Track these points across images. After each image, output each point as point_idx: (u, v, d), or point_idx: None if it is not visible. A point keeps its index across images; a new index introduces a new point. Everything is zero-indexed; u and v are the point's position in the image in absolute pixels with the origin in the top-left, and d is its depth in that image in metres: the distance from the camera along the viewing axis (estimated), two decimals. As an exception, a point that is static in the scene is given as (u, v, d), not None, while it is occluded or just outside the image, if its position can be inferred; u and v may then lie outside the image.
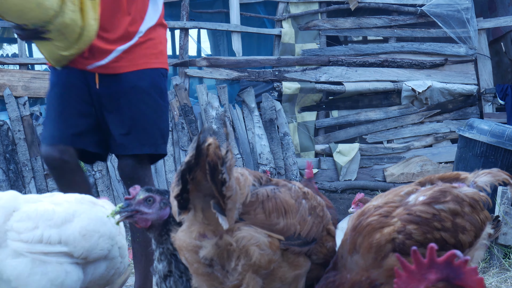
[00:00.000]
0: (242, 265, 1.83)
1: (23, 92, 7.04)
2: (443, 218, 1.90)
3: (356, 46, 8.12)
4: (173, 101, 7.30)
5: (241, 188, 1.82)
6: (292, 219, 1.92)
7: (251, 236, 1.82)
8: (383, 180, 7.70)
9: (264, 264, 1.84)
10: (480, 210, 1.98)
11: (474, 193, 2.01)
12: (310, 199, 2.03)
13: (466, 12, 7.73)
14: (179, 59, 7.55)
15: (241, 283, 1.86)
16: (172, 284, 2.03)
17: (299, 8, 7.76)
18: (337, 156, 7.57)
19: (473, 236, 1.94)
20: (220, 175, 1.71)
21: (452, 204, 1.94)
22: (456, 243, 1.90)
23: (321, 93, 7.68)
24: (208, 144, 1.69)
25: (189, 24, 7.56)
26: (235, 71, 7.53)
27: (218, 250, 1.83)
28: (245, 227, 1.83)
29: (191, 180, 1.74)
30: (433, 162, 7.75)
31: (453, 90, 7.79)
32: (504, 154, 4.92)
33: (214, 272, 1.86)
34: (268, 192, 1.92)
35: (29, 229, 2.28)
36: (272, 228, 1.87)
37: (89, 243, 2.41)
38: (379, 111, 7.81)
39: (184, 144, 7.23)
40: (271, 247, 1.85)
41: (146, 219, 1.95)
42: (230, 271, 1.85)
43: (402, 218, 1.90)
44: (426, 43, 7.90)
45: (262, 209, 1.87)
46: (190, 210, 1.81)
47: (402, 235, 1.86)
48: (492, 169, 2.15)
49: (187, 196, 1.76)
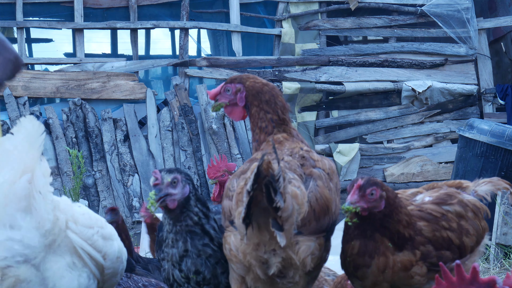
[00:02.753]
0: (299, 273, 1.93)
1: (23, 92, 7.04)
2: (450, 218, 1.93)
3: (356, 46, 8.12)
4: (173, 101, 7.29)
5: (299, 205, 1.86)
6: (331, 211, 2.00)
7: (308, 247, 1.89)
8: (383, 180, 7.69)
9: (314, 266, 1.94)
10: (481, 218, 2.02)
11: (476, 201, 2.06)
12: (333, 177, 2.09)
13: (466, 12, 7.73)
14: (179, 59, 7.55)
15: (295, 284, 1.96)
16: (190, 265, 2.06)
17: (299, 8, 7.76)
18: (337, 156, 7.57)
19: (474, 241, 1.97)
20: (274, 204, 1.76)
21: (458, 207, 1.97)
22: (461, 244, 1.92)
23: (321, 93, 7.68)
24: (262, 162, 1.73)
25: (189, 24, 7.56)
26: (235, 71, 7.52)
27: (283, 263, 1.90)
28: (302, 238, 1.89)
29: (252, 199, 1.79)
30: (433, 162, 7.75)
31: (453, 90, 7.78)
32: (504, 154, 4.92)
33: (273, 277, 1.92)
34: (315, 194, 1.96)
35: (86, 225, 2.24)
36: (321, 230, 1.92)
37: (118, 268, 2.38)
38: (379, 111, 7.80)
39: (184, 144, 7.23)
40: (319, 248, 1.94)
41: (174, 200, 2.02)
42: (287, 277, 1.93)
43: (413, 213, 1.92)
44: (426, 43, 7.89)
45: (314, 216, 1.91)
46: (252, 225, 1.85)
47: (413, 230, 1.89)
48: (492, 178, 2.18)
49: (250, 213, 1.80)
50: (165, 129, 7.23)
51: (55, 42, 8.65)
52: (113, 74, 7.35)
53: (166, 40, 10.04)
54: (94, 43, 9.72)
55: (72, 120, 7.07)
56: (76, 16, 7.36)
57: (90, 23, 7.48)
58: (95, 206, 6.88)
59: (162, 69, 9.18)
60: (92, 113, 7.11)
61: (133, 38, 7.58)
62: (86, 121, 7.09)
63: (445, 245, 1.91)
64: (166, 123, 7.24)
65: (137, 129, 7.20)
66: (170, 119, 7.26)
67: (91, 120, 7.09)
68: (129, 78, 7.38)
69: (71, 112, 7.09)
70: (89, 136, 7.09)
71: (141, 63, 7.56)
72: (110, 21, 7.55)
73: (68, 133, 7.03)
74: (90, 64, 7.40)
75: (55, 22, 7.50)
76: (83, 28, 7.40)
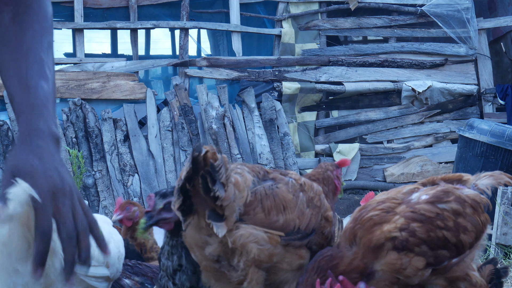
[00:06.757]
0: (244, 261, 1.87)
1: (23, 92, 7.03)
2: (446, 217, 1.91)
3: (356, 46, 8.12)
4: (173, 101, 7.29)
5: (240, 191, 1.84)
6: (291, 214, 1.95)
7: (249, 234, 1.85)
8: (383, 180, 7.70)
9: (264, 259, 1.88)
10: (481, 212, 1.99)
11: (475, 195, 2.02)
12: (307, 191, 2.05)
13: (466, 12, 7.73)
14: (179, 59, 7.55)
15: (245, 277, 1.90)
16: (184, 281, 2.05)
17: (299, 8, 7.76)
18: (337, 156, 7.57)
19: (473, 237, 1.95)
20: (212, 193, 1.73)
21: (454, 204, 1.95)
22: (458, 242, 1.91)
23: (321, 93, 7.68)
24: (204, 153, 1.71)
25: (189, 24, 7.56)
26: (235, 71, 7.52)
27: (223, 248, 1.86)
28: (244, 225, 1.86)
29: (191, 188, 1.76)
30: (433, 162, 7.75)
31: (453, 90, 7.78)
32: (504, 154, 4.92)
33: (221, 268, 1.90)
34: (266, 190, 1.94)
35: None
36: (272, 226, 1.89)
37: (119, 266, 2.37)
38: (379, 111, 7.81)
39: (184, 144, 7.23)
40: (271, 242, 1.89)
41: (169, 223, 2.02)
42: (235, 267, 1.89)
43: (406, 215, 1.91)
44: (426, 43, 7.90)
45: (261, 208, 1.89)
46: (195, 213, 1.83)
47: (406, 232, 1.87)
48: (494, 172, 2.15)
49: (190, 202, 1.79)
50: (165, 129, 7.23)
51: (55, 42, 8.59)
52: (113, 74, 7.35)
53: (166, 40, 10.06)
54: (94, 43, 9.73)
55: (72, 120, 7.07)
56: (76, 16, 7.37)
57: (90, 23, 7.48)
58: (95, 206, 6.88)
59: (162, 69, 9.19)
60: (92, 113, 7.12)
61: (133, 38, 7.58)
62: (86, 121, 7.09)
63: (440, 244, 1.90)
64: (166, 123, 7.24)
65: (137, 129, 7.21)
66: (170, 119, 7.26)
67: (91, 120, 7.09)
68: (129, 78, 7.38)
69: (71, 112, 7.09)
70: (89, 136, 7.09)
71: (141, 63, 7.57)
72: (110, 21, 7.55)
73: (68, 133, 7.04)
74: (90, 64, 7.40)
75: (55, 22, 7.49)
76: (83, 28, 7.40)
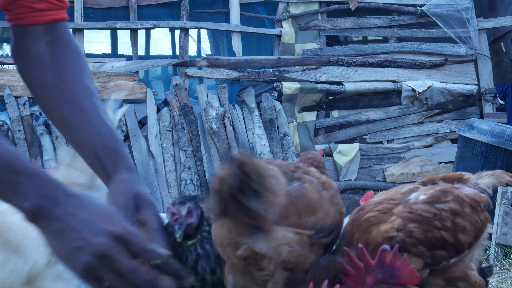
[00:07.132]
0: (274, 263, 1.89)
1: (23, 92, 7.04)
2: (443, 217, 1.91)
3: (356, 46, 8.12)
4: (173, 101, 7.29)
5: (277, 197, 1.87)
6: (319, 214, 1.98)
7: (282, 236, 1.87)
8: (383, 180, 7.70)
9: (293, 260, 1.91)
10: (480, 211, 1.98)
11: (475, 194, 2.01)
12: (328, 189, 2.09)
13: (466, 12, 7.73)
14: (179, 59, 7.55)
15: (272, 278, 1.93)
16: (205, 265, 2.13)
17: (299, 8, 7.76)
18: (337, 156, 7.57)
19: (472, 237, 1.94)
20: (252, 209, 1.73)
21: (453, 204, 1.94)
22: (456, 242, 1.90)
23: (321, 93, 7.68)
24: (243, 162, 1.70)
25: (189, 24, 7.56)
26: (235, 71, 7.53)
27: (254, 250, 1.89)
28: (277, 227, 1.89)
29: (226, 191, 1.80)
30: (433, 162, 7.75)
31: (453, 90, 7.79)
32: (504, 154, 4.92)
33: (248, 265, 1.93)
34: (296, 191, 1.97)
35: None
36: (301, 227, 1.93)
37: None
38: (379, 111, 7.81)
39: (184, 144, 7.23)
40: (300, 243, 1.91)
41: (192, 228, 2.09)
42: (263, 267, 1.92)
43: (403, 216, 1.91)
44: (426, 43, 7.90)
45: (294, 210, 1.92)
46: (227, 214, 1.86)
47: (403, 233, 1.87)
48: (495, 171, 2.15)
49: (223, 205, 1.82)
50: (165, 129, 7.23)
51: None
52: (113, 74, 7.35)
53: (166, 40, 10.06)
54: (94, 43, 9.73)
55: (72, 120, 7.06)
56: (76, 16, 7.37)
57: (90, 23, 7.48)
58: (95, 206, 6.87)
59: (162, 69, 9.19)
60: (92, 113, 7.11)
61: (133, 38, 7.58)
62: (86, 121, 7.08)
63: (438, 245, 1.89)
64: (166, 123, 7.24)
65: (137, 129, 7.21)
66: (170, 119, 7.26)
67: (91, 120, 7.08)
68: (129, 78, 7.38)
69: (71, 112, 7.09)
70: (89, 136, 7.08)
71: (141, 63, 7.57)
72: (110, 21, 7.55)
73: (68, 133, 7.03)
74: (90, 64, 7.39)
75: (55, 22, 7.50)
76: (83, 28, 7.40)
